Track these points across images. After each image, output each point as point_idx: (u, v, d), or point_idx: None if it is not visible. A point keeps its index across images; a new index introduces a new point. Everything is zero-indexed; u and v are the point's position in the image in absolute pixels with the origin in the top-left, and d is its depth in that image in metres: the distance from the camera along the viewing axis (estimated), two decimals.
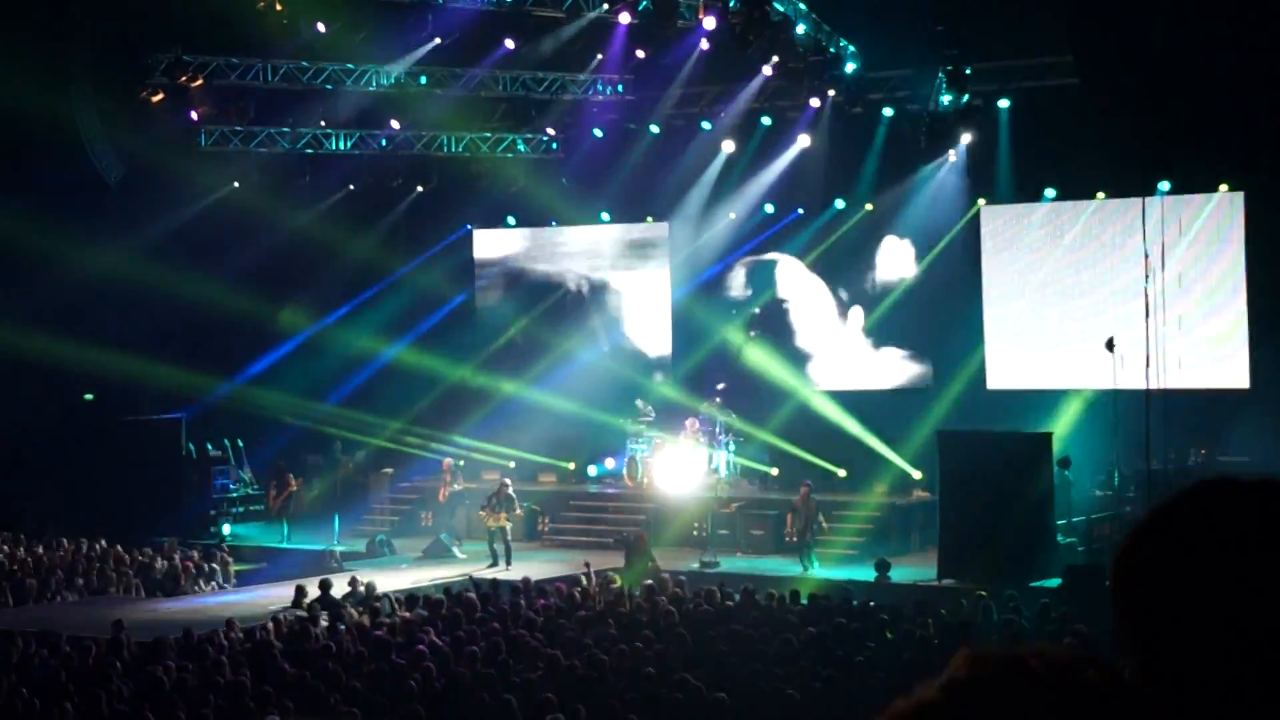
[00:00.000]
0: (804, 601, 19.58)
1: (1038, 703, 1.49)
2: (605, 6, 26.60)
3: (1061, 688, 1.50)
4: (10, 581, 23.84)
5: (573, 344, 33.43)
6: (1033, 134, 27.19)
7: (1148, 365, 22.84)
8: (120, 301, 30.18)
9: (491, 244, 34.88)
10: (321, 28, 27.24)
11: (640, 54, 28.94)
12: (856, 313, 30.71)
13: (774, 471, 29.24)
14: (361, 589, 21.40)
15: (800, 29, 25.79)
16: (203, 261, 29.99)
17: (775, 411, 29.91)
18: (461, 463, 29.92)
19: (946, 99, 26.32)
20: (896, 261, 30.14)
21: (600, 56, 29.35)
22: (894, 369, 30.14)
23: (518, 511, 26.81)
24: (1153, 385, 22.83)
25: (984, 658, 1.55)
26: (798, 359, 31.06)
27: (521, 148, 31.84)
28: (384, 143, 31.15)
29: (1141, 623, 1.80)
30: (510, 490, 26.83)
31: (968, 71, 25.88)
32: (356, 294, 33.32)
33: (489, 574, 24.34)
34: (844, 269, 30.76)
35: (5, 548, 25.81)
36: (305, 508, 30.31)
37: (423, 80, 29.55)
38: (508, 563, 25.77)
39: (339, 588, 21.49)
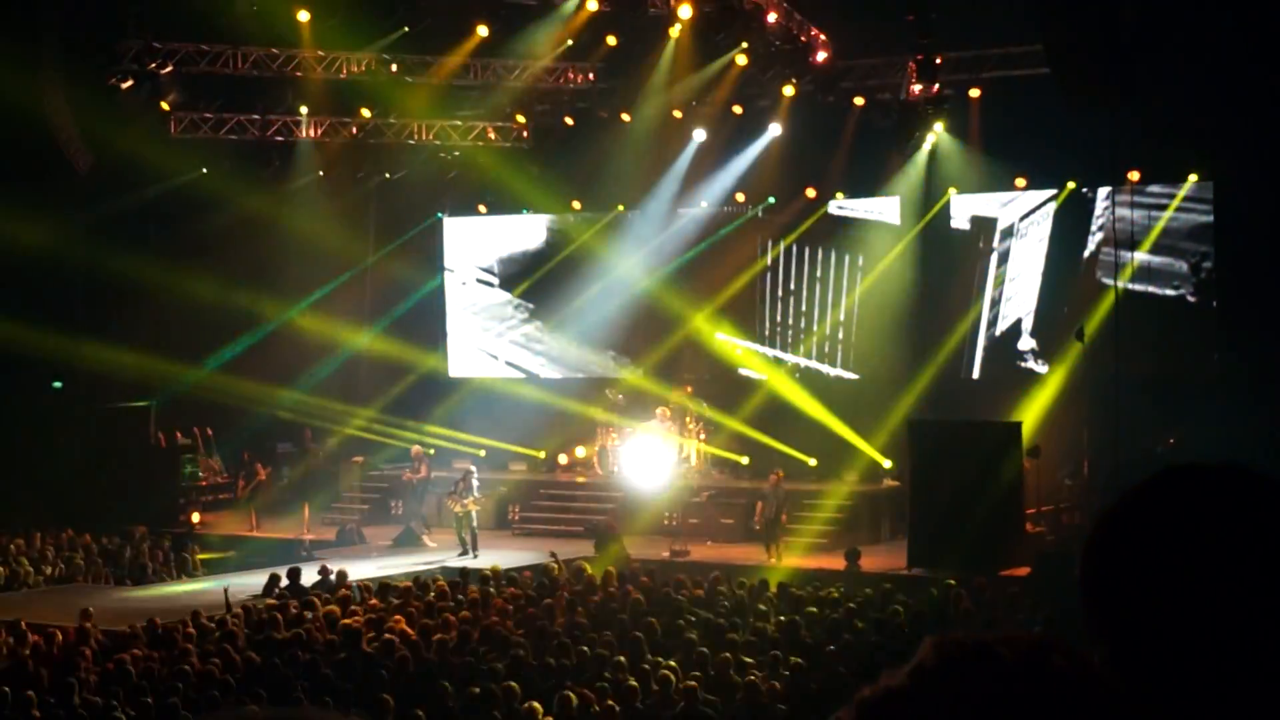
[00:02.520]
0: (773, 590, 19.62)
1: (1005, 689, 1.49)
2: None
3: (1029, 674, 1.50)
4: None
5: (541, 333, 33.42)
6: (1003, 123, 27.23)
7: (1117, 353, 22.94)
8: (88, 288, 30.01)
9: (462, 232, 34.80)
10: (302, 16, 27.09)
11: (611, 42, 28.84)
12: (829, 300, 30.72)
13: (745, 460, 29.25)
14: (331, 577, 21.38)
15: (771, 17, 25.78)
16: (172, 248, 29.81)
17: (746, 400, 29.92)
18: (431, 451, 29.83)
19: (917, 88, 26.35)
20: (870, 249, 30.14)
21: (571, 44, 29.20)
22: (866, 357, 30.16)
23: (475, 498, 26.57)
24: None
25: (951, 644, 1.54)
26: (768, 346, 31.09)
27: (492, 136, 31.73)
28: (354, 130, 31.01)
29: (1109, 610, 1.81)
30: (473, 478, 26.68)
31: (938, 61, 25.90)
32: (327, 281, 33.15)
33: (459, 562, 24.30)
34: (815, 257, 30.76)
35: None
36: (274, 496, 30.21)
37: (393, 68, 29.44)
38: (474, 550, 25.67)
39: (308, 576, 21.49)
